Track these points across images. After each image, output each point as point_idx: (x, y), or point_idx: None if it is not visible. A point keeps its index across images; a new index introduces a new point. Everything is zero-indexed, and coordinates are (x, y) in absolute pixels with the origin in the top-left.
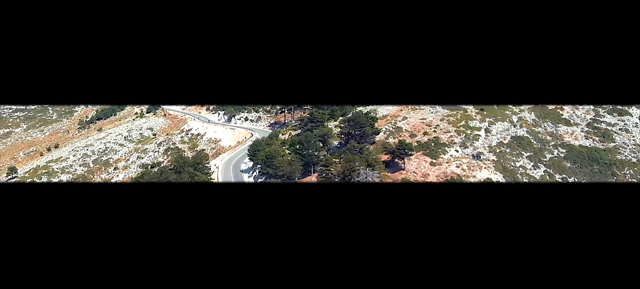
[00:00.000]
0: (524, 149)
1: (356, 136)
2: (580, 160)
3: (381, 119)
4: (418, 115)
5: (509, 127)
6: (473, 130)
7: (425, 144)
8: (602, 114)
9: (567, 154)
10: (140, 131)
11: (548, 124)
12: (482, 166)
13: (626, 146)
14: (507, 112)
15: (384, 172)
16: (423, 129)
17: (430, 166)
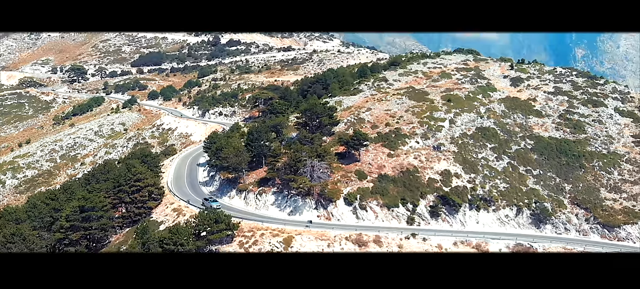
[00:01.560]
0: (489, 140)
1: (313, 126)
2: (548, 152)
3: (345, 110)
4: (383, 106)
5: (475, 119)
6: (437, 121)
7: (386, 135)
8: (576, 106)
9: (535, 146)
10: (111, 126)
11: (518, 116)
12: (441, 157)
13: (598, 137)
14: (475, 103)
15: (337, 164)
16: (386, 120)
17: (388, 157)
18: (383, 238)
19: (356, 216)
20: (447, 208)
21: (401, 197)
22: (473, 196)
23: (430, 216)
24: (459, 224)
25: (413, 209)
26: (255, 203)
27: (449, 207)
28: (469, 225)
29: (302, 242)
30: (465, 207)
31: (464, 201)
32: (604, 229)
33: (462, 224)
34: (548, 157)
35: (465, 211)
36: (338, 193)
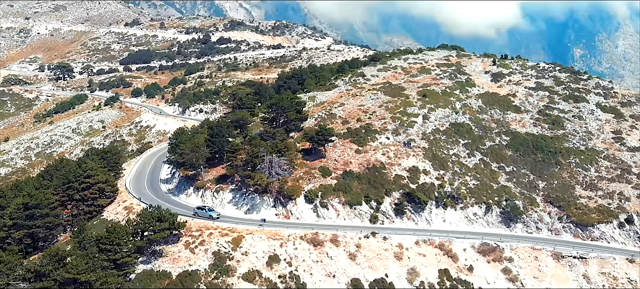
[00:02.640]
0: (462, 136)
1: (281, 122)
2: (524, 148)
3: (317, 105)
4: (357, 101)
5: (449, 114)
6: (410, 117)
7: (355, 131)
8: (557, 101)
9: (510, 142)
10: (90, 123)
11: (496, 111)
12: (410, 153)
13: (576, 133)
14: (452, 98)
15: (301, 160)
16: (358, 115)
17: (356, 153)
18: (341, 237)
19: (317, 215)
20: (413, 206)
21: (365, 194)
22: (440, 194)
23: (395, 214)
24: (424, 223)
25: (377, 207)
26: (212, 201)
27: (415, 205)
28: (435, 223)
29: (252, 242)
30: (431, 205)
31: (431, 199)
32: (577, 228)
33: (428, 223)
34: (523, 153)
35: (432, 208)
36: (299, 190)
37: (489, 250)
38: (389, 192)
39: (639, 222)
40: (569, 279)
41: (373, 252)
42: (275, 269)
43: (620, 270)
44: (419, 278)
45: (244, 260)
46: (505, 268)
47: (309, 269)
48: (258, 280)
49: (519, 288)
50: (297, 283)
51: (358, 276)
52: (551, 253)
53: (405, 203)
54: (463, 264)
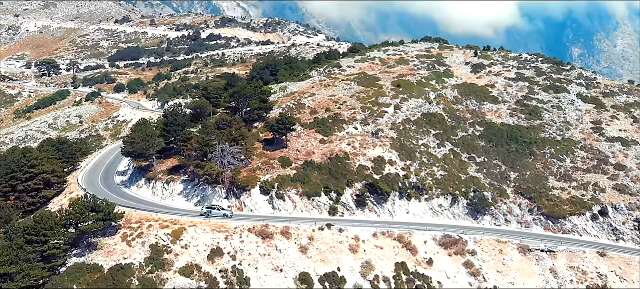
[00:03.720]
0: (433, 126)
1: (244, 112)
2: (497, 138)
3: (287, 95)
4: (328, 91)
5: (422, 104)
6: (381, 106)
7: (322, 120)
8: (536, 92)
9: (484, 132)
10: (67, 118)
11: (472, 102)
12: (377, 143)
13: (554, 123)
14: (427, 88)
15: (261, 150)
16: (328, 105)
17: (320, 143)
18: (293, 230)
19: (272, 206)
20: (375, 197)
21: (325, 185)
22: (405, 184)
23: (356, 205)
24: (387, 214)
25: (337, 198)
26: (162, 193)
27: (377, 196)
28: (398, 215)
29: (194, 235)
30: (394, 196)
31: (394, 190)
32: (548, 220)
33: (391, 214)
34: (496, 144)
35: (395, 200)
36: (254, 181)
37: (451, 243)
38: (351, 183)
39: (613, 214)
40: (534, 273)
41: (326, 245)
42: (217, 263)
43: (590, 264)
44: (374, 271)
45: (183, 254)
46: (467, 261)
47: (254, 263)
48: (196, 275)
49: (481, 282)
50: (240, 277)
51: (307, 270)
52: (517, 246)
53: (368, 194)
54: (422, 258)
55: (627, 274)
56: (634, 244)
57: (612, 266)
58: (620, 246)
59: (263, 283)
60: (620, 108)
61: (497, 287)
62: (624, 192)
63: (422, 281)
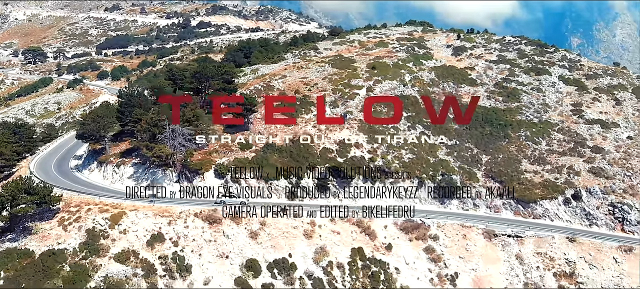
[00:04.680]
0: (406, 109)
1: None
2: (472, 121)
3: (257, 78)
4: (301, 73)
5: (396, 87)
6: (353, 89)
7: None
8: (517, 74)
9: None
10: (45, 105)
11: (449, 84)
12: (344, 126)
13: (532, 105)
14: (403, 71)
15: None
16: (298, 87)
17: (285, 126)
18: (244, 214)
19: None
20: (337, 181)
21: (285, 169)
22: (370, 168)
23: (317, 189)
24: (349, 199)
25: (297, 182)
26: (112, 177)
27: (340, 180)
28: (361, 200)
29: (135, 219)
30: (358, 180)
31: (358, 173)
32: (519, 204)
33: (354, 199)
34: (470, 126)
35: (358, 183)
36: (208, 164)
37: (413, 227)
38: (313, 166)
39: (587, 198)
40: (499, 259)
41: (279, 230)
42: (157, 249)
43: (558, 250)
44: (328, 257)
45: (121, 239)
46: (429, 246)
47: (198, 249)
48: (132, 261)
49: (441, 268)
50: (180, 265)
51: (256, 256)
52: (483, 231)
53: (330, 178)
54: (381, 243)
55: (598, 261)
56: (607, 230)
57: (582, 252)
58: (593, 231)
59: (206, 271)
60: (603, 90)
61: (457, 273)
62: (600, 175)
63: (378, 268)
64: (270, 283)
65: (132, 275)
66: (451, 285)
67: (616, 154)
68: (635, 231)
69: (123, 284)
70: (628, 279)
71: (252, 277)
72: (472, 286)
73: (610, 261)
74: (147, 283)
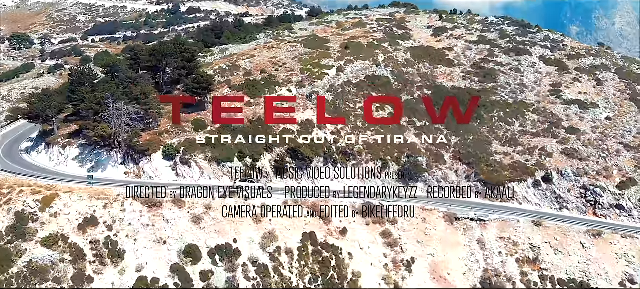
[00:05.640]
0: (376, 89)
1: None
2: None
3: (224, 58)
4: (270, 53)
5: (369, 67)
6: (323, 69)
7: (253, 82)
8: (496, 54)
9: (431, 96)
10: (23, 90)
11: (424, 65)
12: (309, 106)
13: (508, 86)
14: (377, 51)
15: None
16: (265, 67)
17: (245, 106)
18: (189, 197)
19: (176, 173)
20: (297, 163)
21: (240, 150)
22: (332, 150)
23: (274, 172)
24: (309, 181)
25: (252, 164)
26: (58, 158)
27: (299, 162)
28: (321, 182)
29: (68, 202)
30: (319, 162)
31: (319, 155)
32: (486, 187)
33: (313, 181)
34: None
35: (319, 166)
36: (156, 145)
37: (371, 211)
38: (271, 148)
39: (558, 180)
40: (459, 244)
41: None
42: (89, 233)
43: (522, 235)
44: (276, 243)
45: (51, 222)
46: (386, 231)
47: (134, 234)
48: (61, 246)
49: (397, 253)
50: (113, 250)
51: (197, 242)
52: (444, 215)
53: (289, 160)
54: (335, 227)
55: (564, 246)
56: (579, 214)
57: (548, 237)
58: (563, 215)
59: (140, 257)
60: (585, 71)
61: (414, 258)
62: (574, 157)
63: (330, 253)
64: (210, 269)
65: (58, 261)
66: (407, 271)
67: (592, 135)
68: (608, 215)
69: (47, 270)
70: (595, 266)
71: (191, 264)
72: (428, 272)
73: (577, 246)
74: (74, 269)
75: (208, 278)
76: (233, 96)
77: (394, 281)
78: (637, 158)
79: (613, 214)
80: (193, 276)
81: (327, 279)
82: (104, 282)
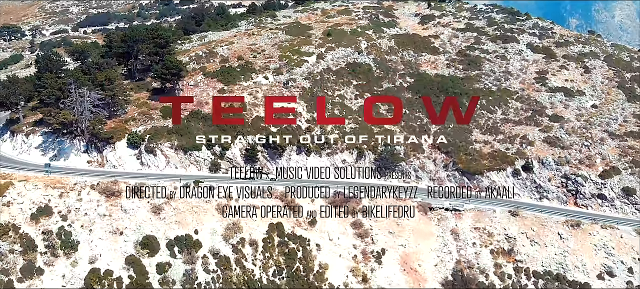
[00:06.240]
0: (357, 77)
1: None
2: (426, 90)
3: (202, 44)
4: (250, 40)
5: (350, 54)
6: (302, 56)
7: (229, 69)
8: (483, 42)
9: (413, 84)
10: None
11: (409, 52)
12: (284, 93)
13: (493, 73)
14: (360, 38)
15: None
16: (243, 54)
17: (218, 93)
18: (149, 187)
19: (141, 162)
20: (268, 152)
21: (208, 138)
22: (306, 138)
23: (244, 161)
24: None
25: (221, 153)
26: (21, 147)
27: (271, 151)
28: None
29: (23, 191)
30: (291, 151)
31: (292, 144)
32: (464, 176)
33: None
34: (423, 95)
35: (291, 155)
36: (121, 133)
37: (342, 201)
38: (242, 136)
39: (539, 169)
40: (433, 235)
41: (188, 205)
42: (42, 223)
43: (498, 225)
44: (240, 234)
45: (3, 212)
46: (357, 221)
47: (89, 224)
48: (11, 237)
49: (368, 244)
50: (66, 241)
51: (156, 233)
52: (418, 204)
53: (260, 149)
54: (304, 218)
55: (540, 237)
56: (559, 204)
57: (524, 227)
58: (542, 205)
59: (94, 248)
60: (572, 58)
61: (384, 250)
62: (555, 145)
63: (297, 244)
64: (167, 261)
65: (8, 252)
66: (376, 262)
67: (576, 122)
68: (589, 205)
69: None
70: (572, 257)
71: (148, 255)
72: (398, 263)
73: (555, 237)
74: (24, 261)
75: (165, 270)
76: (233, 96)
77: (362, 273)
78: (621, 146)
79: (594, 204)
80: (149, 269)
81: (292, 272)
82: (55, 274)
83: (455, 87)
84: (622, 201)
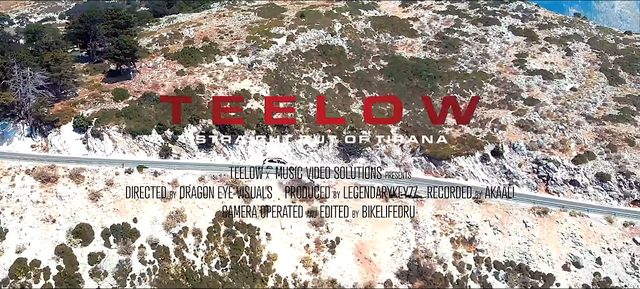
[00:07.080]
0: (327, 59)
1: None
2: (400, 73)
3: (168, 26)
4: (219, 22)
5: (322, 36)
6: (271, 37)
7: (190, 51)
8: (464, 24)
9: (387, 67)
10: None
11: (385, 35)
12: (247, 76)
13: (470, 56)
14: (335, 20)
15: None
16: (209, 35)
17: (177, 75)
18: (89, 172)
19: (87, 146)
20: (225, 136)
21: (160, 122)
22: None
23: (198, 146)
24: (238, 156)
25: (173, 137)
26: None
27: (228, 135)
28: (252, 158)
29: None
30: (250, 136)
31: (251, 128)
32: (430, 162)
33: (243, 156)
34: (397, 78)
35: (250, 139)
36: (67, 116)
37: (299, 188)
38: (197, 119)
39: (509, 154)
40: (391, 222)
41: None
42: None
43: (460, 213)
44: (183, 223)
45: None
46: (312, 209)
47: (20, 211)
48: None
49: (322, 233)
50: None
51: (91, 221)
52: (378, 191)
53: (216, 133)
54: (257, 205)
55: (504, 225)
56: (529, 190)
57: (488, 215)
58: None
59: (23, 236)
60: (555, 41)
61: (339, 238)
62: (528, 129)
63: (245, 233)
64: (100, 251)
65: None
66: (329, 252)
67: (552, 106)
68: (561, 192)
69: None
70: (537, 246)
71: (81, 245)
72: (353, 253)
73: (519, 225)
74: None
75: (97, 260)
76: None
77: (312, 263)
78: (598, 130)
79: (567, 191)
80: (80, 259)
81: (237, 263)
82: None
83: (429, 70)
84: (595, 188)
